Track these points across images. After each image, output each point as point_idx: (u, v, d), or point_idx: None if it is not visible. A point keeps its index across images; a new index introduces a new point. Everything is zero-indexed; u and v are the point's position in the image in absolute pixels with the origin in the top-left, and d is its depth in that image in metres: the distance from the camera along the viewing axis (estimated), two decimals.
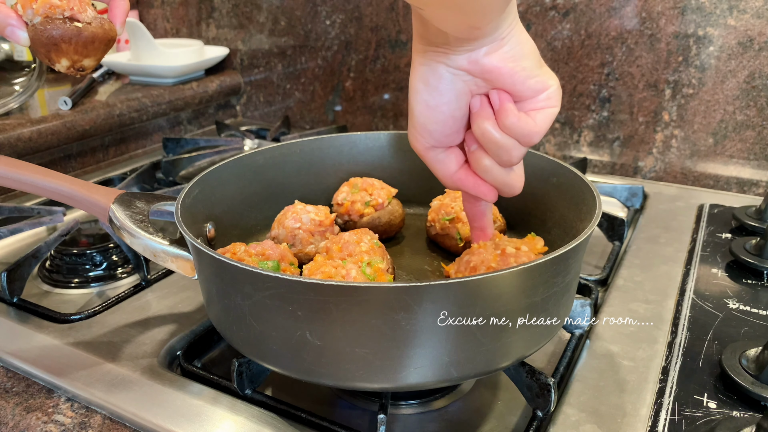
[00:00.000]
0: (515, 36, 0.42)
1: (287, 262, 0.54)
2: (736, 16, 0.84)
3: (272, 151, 0.67)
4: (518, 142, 0.44)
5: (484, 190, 0.48)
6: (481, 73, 0.43)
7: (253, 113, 1.33)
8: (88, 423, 0.47)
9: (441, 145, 0.47)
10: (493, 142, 0.44)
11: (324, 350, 0.41)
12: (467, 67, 0.43)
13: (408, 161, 0.72)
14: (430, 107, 0.45)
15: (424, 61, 0.44)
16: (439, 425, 0.48)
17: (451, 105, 0.45)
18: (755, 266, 0.63)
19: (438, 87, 0.44)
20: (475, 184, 0.48)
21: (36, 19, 0.52)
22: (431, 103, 0.45)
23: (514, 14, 0.41)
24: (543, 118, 0.43)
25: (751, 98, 0.86)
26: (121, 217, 0.53)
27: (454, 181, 0.49)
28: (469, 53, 0.42)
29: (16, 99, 0.98)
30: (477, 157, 0.46)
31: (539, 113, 0.43)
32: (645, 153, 0.95)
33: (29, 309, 0.62)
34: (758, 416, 0.44)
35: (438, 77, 0.44)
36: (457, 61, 0.43)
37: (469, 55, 0.42)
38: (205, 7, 1.29)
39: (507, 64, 0.42)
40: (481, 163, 0.46)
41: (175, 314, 0.61)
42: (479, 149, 0.46)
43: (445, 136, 0.47)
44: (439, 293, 0.38)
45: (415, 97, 0.45)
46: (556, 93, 0.44)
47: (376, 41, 1.12)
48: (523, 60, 0.42)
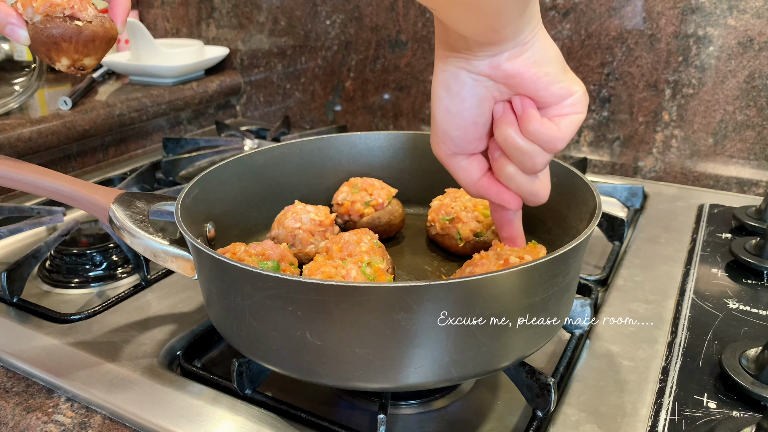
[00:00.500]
0: (538, 41, 0.41)
1: (287, 262, 0.54)
2: (736, 16, 0.84)
3: (272, 151, 0.67)
4: (542, 148, 0.43)
5: (507, 198, 0.48)
6: (503, 79, 0.42)
7: (253, 113, 1.33)
8: (88, 423, 0.47)
9: (463, 151, 0.47)
10: (516, 148, 0.43)
11: (324, 350, 0.41)
12: (489, 72, 0.42)
13: (408, 161, 0.72)
14: (451, 113, 0.44)
15: (445, 66, 0.43)
16: (439, 425, 0.48)
17: (472, 111, 0.44)
18: (755, 266, 0.63)
19: (460, 93, 0.43)
20: (498, 191, 0.48)
21: (36, 17, 0.51)
22: (453, 109, 0.44)
23: (537, 19, 0.41)
24: (567, 125, 0.43)
25: (751, 98, 0.86)
26: (121, 217, 0.53)
27: (477, 188, 0.48)
28: (491, 58, 0.41)
29: (16, 99, 0.98)
30: (500, 164, 0.46)
31: (564, 119, 0.43)
32: (645, 153, 0.95)
33: (29, 309, 0.62)
34: (758, 416, 0.44)
35: (460, 83, 0.43)
36: (478, 67, 0.42)
37: (490, 60, 0.41)
38: (205, 7, 1.29)
39: (530, 69, 0.41)
40: (504, 170, 0.46)
41: (175, 314, 0.61)
42: (502, 156, 0.45)
43: (467, 143, 0.46)
44: (439, 293, 0.38)
45: (437, 103, 0.45)
46: (581, 99, 0.43)
47: (376, 41, 1.12)
48: (547, 65, 0.42)
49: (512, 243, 0.52)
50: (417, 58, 1.09)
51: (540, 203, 0.47)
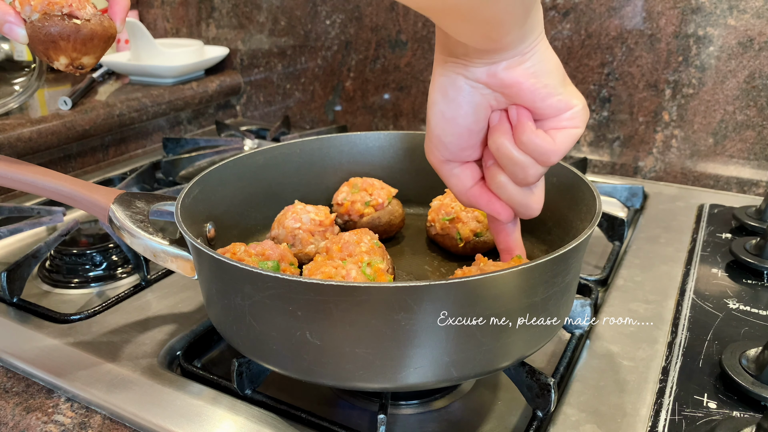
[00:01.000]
0: (539, 53, 0.41)
1: (287, 262, 0.54)
2: (736, 16, 0.84)
3: (272, 151, 0.67)
4: (535, 160, 0.43)
5: (498, 208, 0.47)
6: (500, 87, 0.42)
7: (253, 113, 1.33)
8: (88, 423, 0.47)
9: (456, 159, 0.46)
10: (508, 157, 0.43)
11: (324, 350, 0.41)
12: (486, 80, 0.42)
13: (408, 161, 0.72)
14: (446, 119, 0.44)
15: (443, 72, 0.43)
16: (439, 425, 0.48)
17: (468, 118, 0.44)
18: (755, 266, 0.63)
19: (456, 99, 0.43)
20: (489, 201, 0.47)
21: (34, 15, 0.51)
22: (448, 115, 0.44)
23: (540, 31, 0.40)
24: (563, 139, 0.42)
25: (751, 98, 0.86)
26: (121, 217, 0.53)
27: (468, 197, 0.48)
28: (489, 66, 0.41)
29: (16, 99, 0.98)
30: (492, 174, 0.45)
31: (560, 133, 0.42)
32: (645, 153, 0.95)
33: (29, 309, 0.62)
34: (758, 416, 0.44)
35: (457, 89, 0.43)
36: (476, 74, 0.42)
37: (488, 68, 0.41)
38: (205, 7, 1.29)
39: (528, 80, 0.41)
40: (495, 180, 0.45)
41: (175, 314, 0.61)
42: (495, 165, 0.45)
43: (460, 149, 0.46)
44: (439, 293, 0.38)
45: (433, 108, 0.44)
46: (580, 113, 0.42)
47: (376, 41, 1.12)
48: (546, 77, 0.41)
49: (509, 253, 0.51)
50: (417, 58, 1.09)
51: (531, 216, 0.47)
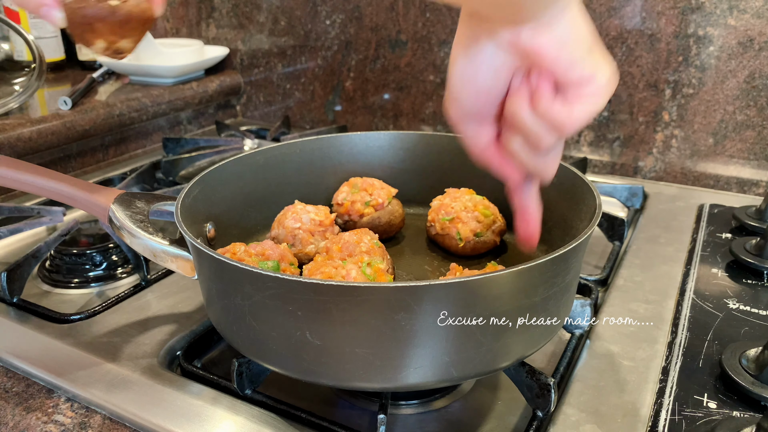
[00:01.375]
0: (567, 20, 0.39)
1: (287, 262, 0.54)
2: (736, 16, 0.84)
3: (272, 151, 0.67)
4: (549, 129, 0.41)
5: (508, 172, 0.46)
6: (522, 53, 0.40)
7: (253, 113, 1.33)
8: (88, 423, 0.47)
9: (473, 118, 0.45)
10: (522, 124, 0.42)
11: (324, 350, 0.41)
12: (509, 44, 0.40)
13: (408, 161, 0.72)
14: (465, 77, 0.43)
15: (467, 29, 0.41)
16: (439, 425, 0.48)
17: (487, 80, 0.42)
18: (755, 266, 0.63)
19: (476, 57, 0.41)
20: (501, 163, 0.46)
21: None
22: (467, 74, 0.42)
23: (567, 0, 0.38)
24: (581, 110, 0.40)
25: (751, 98, 0.86)
26: (121, 217, 0.53)
27: (482, 156, 0.47)
28: (512, 30, 0.39)
29: (16, 99, 0.98)
30: (507, 137, 0.44)
31: (578, 104, 0.40)
32: (645, 153, 0.95)
33: (29, 309, 0.62)
34: (758, 416, 0.44)
35: (478, 48, 0.41)
36: (499, 36, 0.40)
37: (512, 32, 0.39)
38: (205, 7, 1.29)
39: (551, 48, 0.39)
40: (510, 142, 0.44)
41: (175, 314, 0.61)
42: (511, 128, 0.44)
43: (477, 109, 0.44)
44: (439, 293, 0.38)
45: (453, 65, 0.43)
46: (603, 87, 0.40)
47: (376, 41, 1.12)
48: (571, 46, 0.39)
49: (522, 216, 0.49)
50: (417, 58, 1.09)
51: (545, 181, 0.46)
